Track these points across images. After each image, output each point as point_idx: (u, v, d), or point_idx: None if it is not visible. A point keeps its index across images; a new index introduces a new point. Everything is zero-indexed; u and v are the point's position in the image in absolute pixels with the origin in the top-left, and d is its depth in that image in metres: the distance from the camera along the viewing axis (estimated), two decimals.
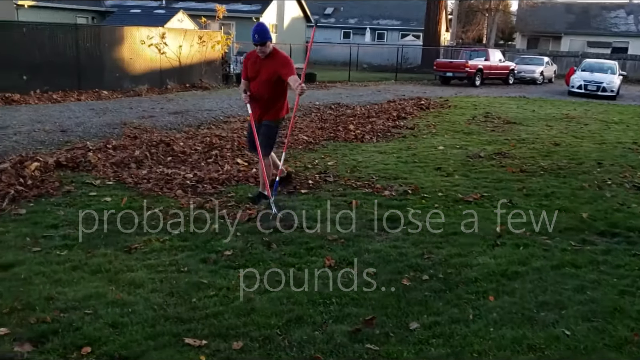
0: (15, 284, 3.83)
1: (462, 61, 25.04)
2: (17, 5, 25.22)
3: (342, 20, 46.90)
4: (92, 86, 15.68)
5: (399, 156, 8.59)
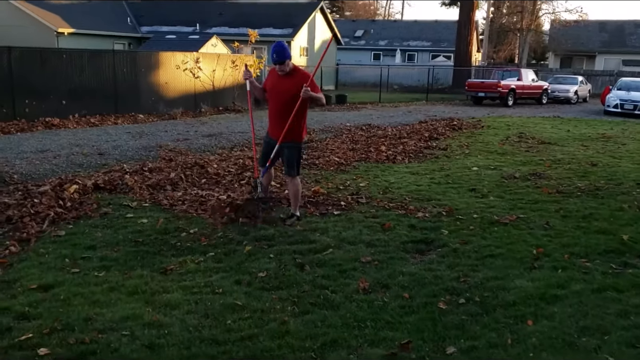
0: (55, 304, 3.90)
1: (494, 81, 24.86)
2: (57, 33, 26.16)
3: (372, 42, 47.21)
4: (129, 110, 16.06)
5: (432, 177, 8.53)
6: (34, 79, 13.98)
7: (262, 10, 33.27)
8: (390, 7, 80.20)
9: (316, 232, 5.63)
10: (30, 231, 5.43)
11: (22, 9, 26.54)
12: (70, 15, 28.56)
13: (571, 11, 41.99)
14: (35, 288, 4.17)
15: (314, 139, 12.62)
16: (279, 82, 5.82)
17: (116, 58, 16.10)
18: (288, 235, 5.54)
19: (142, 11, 34.55)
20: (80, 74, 15.11)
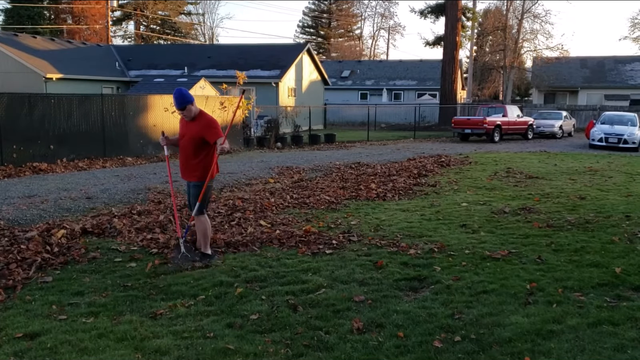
0: (42, 353, 3.80)
1: (480, 118, 25.20)
2: (45, 79, 26.30)
3: (359, 82, 47.90)
4: (117, 153, 16.05)
5: (423, 214, 8.53)
6: (22, 124, 13.97)
7: (250, 52, 33.75)
8: (376, 48, 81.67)
9: (308, 272, 5.58)
10: (17, 278, 5.33)
11: (9, 55, 26.72)
12: (59, 60, 28.79)
13: (552, 48, 42.83)
14: (21, 337, 4.06)
15: (304, 178, 12.63)
16: (187, 128, 6.03)
17: (104, 102, 16.17)
18: (280, 275, 5.48)
19: (130, 55, 34.92)
20: (69, 118, 15.13)
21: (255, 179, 12.48)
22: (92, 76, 29.59)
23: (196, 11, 69.57)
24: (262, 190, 10.90)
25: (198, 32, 69.68)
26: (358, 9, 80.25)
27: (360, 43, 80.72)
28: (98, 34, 50.07)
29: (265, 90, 30.08)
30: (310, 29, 77.02)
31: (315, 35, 76.27)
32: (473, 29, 46.30)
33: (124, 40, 62.09)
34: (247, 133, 22.58)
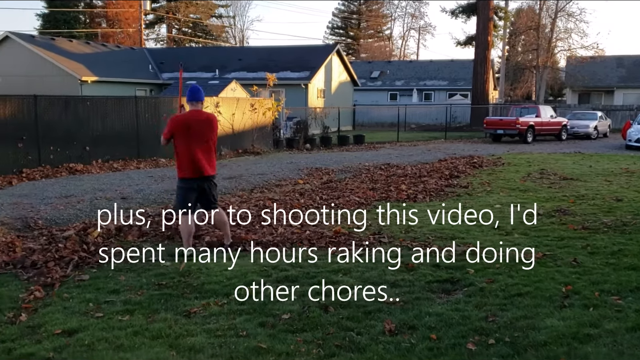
0: (79, 349, 3.89)
1: (513, 118, 24.86)
2: (81, 81, 26.89)
3: (389, 82, 47.70)
4: (150, 154, 16.30)
5: (455, 215, 8.45)
6: (59, 126, 14.31)
7: (280, 54, 33.93)
8: (406, 48, 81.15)
9: (339, 273, 5.58)
10: (55, 276, 5.46)
11: (47, 59, 27.41)
12: (94, 63, 29.42)
13: (587, 47, 41.96)
14: (60, 333, 4.16)
15: (333, 179, 12.64)
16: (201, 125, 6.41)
17: (138, 104, 16.45)
18: (310, 276, 5.49)
19: (162, 58, 35.46)
20: (104, 120, 15.44)
21: (284, 180, 12.55)
22: (126, 79, 30.15)
23: (227, 14, 70.33)
24: (292, 191, 10.95)
25: (229, 34, 70.44)
26: (388, 10, 79.99)
27: (390, 43, 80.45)
28: (131, 37, 50.98)
29: (294, 92, 30.21)
30: (340, 30, 77.04)
31: (345, 36, 76.25)
32: (505, 29, 45.71)
33: (157, 43, 63.13)
34: (277, 134, 22.72)
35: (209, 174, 6.31)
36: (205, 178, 6.31)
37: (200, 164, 6.21)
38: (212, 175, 6.38)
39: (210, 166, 6.32)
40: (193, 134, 6.16)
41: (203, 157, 6.24)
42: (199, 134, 6.19)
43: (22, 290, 5.12)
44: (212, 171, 6.36)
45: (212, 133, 6.33)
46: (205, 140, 6.25)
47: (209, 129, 6.30)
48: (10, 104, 13.57)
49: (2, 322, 4.38)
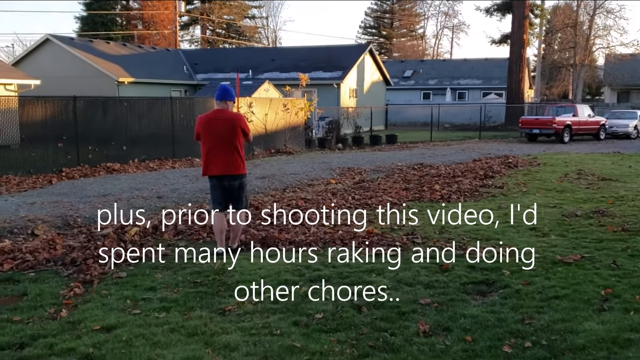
0: (118, 345, 3.97)
1: (549, 117, 24.41)
2: (118, 82, 27.46)
3: (422, 81, 47.34)
4: (185, 154, 16.54)
5: (490, 216, 8.34)
6: (97, 126, 14.64)
7: (313, 54, 34.01)
8: (439, 47, 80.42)
9: (372, 273, 5.57)
10: (94, 273, 5.59)
11: (85, 60, 28.07)
12: (130, 64, 30.00)
13: (627, 45, 41.04)
14: (99, 329, 4.26)
15: (366, 179, 12.62)
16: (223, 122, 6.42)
17: (173, 105, 16.71)
18: (343, 276, 5.49)
19: (197, 59, 35.94)
20: (140, 120, 15.74)
21: (317, 180, 12.58)
22: (162, 80, 30.65)
23: (260, 15, 70.84)
24: (324, 190, 10.96)
25: (262, 35, 70.92)
26: (421, 9, 79.43)
27: (423, 42, 79.85)
28: (166, 39, 51.79)
29: (326, 92, 30.24)
30: (372, 29, 76.77)
31: (377, 36, 75.95)
32: (541, 26, 44.91)
33: (191, 45, 63.93)
34: (309, 134, 22.78)
35: (227, 172, 6.27)
36: (225, 177, 6.29)
37: (218, 162, 6.24)
38: (232, 174, 6.30)
39: (230, 165, 6.26)
40: (212, 132, 6.21)
41: (221, 155, 6.23)
42: (217, 132, 6.21)
43: (62, 286, 5.25)
44: (232, 170, 6.28)
45: (232, 132, 6.23)
46: (225, 139, 6.21)
47: (230, 128, 6.22)
48: (51, 105, 13.95)
49: (44, 318, 4.50)
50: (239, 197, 6.44)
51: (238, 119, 6.39)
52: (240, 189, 6.41)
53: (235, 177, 6.34)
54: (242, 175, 6.39)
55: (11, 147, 13.47)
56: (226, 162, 6.24)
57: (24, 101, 13.88)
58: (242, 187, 6.44)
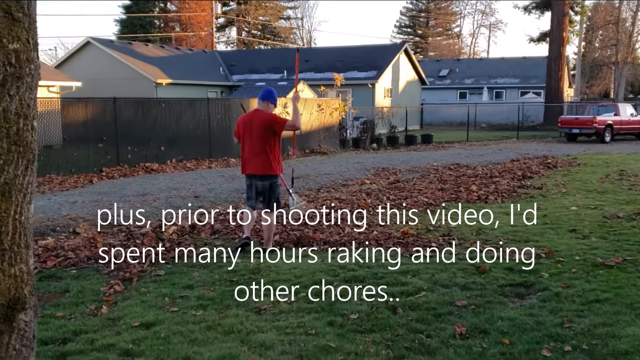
0: (156, 342, 4.04)
1: (590, 117, 23.83)
2: (156, 84, 27.95)
3: (458, 81, 46.77)
4: (222, 154, 16.75)
5: (528, 217, 8.19)
6: (136, 127, 14.96)
7: (347, 54, 33.98)
8: (476, 46, 79.36)
9: (407, 274, 5.53)
10: (133, 271, 5.71)
11: (125, 63, 28.68)
12: (168, 66, 30.50)
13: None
14: (138, 326, 4.34)
15: (400, 179, 12.55)
16: None
17: (210, 106, 16.94)
18: (378, 276, 5.47)
19: (233, 60, 36.32)
20: (177, 121, 16.01)
21: (351, 180, 12.57)
22: (198, 81, 31.07)
23: (295, 15, 71.15)
24: (359, 191, 10.95)
25: (297, 36, 71.20)
26: (457, 7, 78.45)
27: (459, 41, 78.90)
28: (203, 40, 52.50)
29: (361, 92, 30.17)
30: (408, 28, 76.26)
31: (413, 35, 75.40)
32: (582, 24, 43.82)
33: (227, 46, 64.67)
34: (343, 134, 22.77)
35: (258, 172, 6.39)
36: (255, 176, 6.42)
37: (251, 161, 6.39)
38: (262, 174, 6.39)
39: (261, 165, 6.35)
40: (247, 132, 6.37)
41: (254, 155, 6.35)
42: (252, 132, 6.34)
43: (102, 284, 5.38)
44: (262, 170, 6.37)
45: (266, 133, 6.30)
46: (258, 139, 6.31)
47: (263, 129, 6.29)
48: (92, 106, 14.31)
49: (85, 314, 4.62)
50: (269, 198, 6.51)
51: (272, 119, 6.40)
52: (271, 190, 6.48)
53: (265, 177, 6.42)
54: (271, 176, 6.44)
55: (54, 147, 13.87)
56: (258, 162, 6.35)
57: (66, 103, 14.28)
58: (273, 188, 6.49)
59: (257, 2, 61.05)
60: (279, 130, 6.36)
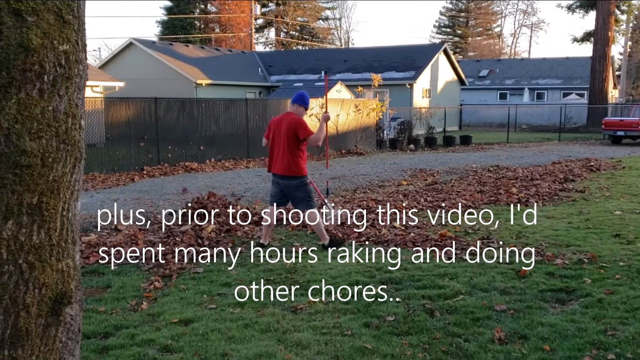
0: (195, 338, 4.11)
1: (635, 119, 23.10)
2: (195, 84, 28.38)
3: (498, 81, 46.01)
4: (259, 154, 16.89)
5: (570, 221, 8.00)
6: (176, 126, 15.21)
7: (385, 54, 33.82)
8: (517, 46, 77.97)
9: (445, 277, 5.47)
10: (172, 268, 5.81)
11: (166, 63, 29.21)
12: (207, 67, 30.92)
13: None
14: (177, 322, 4.42)
15: (438, 181, 12.42)
16: None
17: (249, 106, 17.10)
18: (415, 279, 5.43)
19: (271, 61, 36.57)
20: (217, 121, 16.22)
21: (387, 181, 12.50)
22: (237, 82, 31.40)
23: (333, 16, 71.22)
24: (395, 192, 10.88)
25: (334, 36, 71.25)
26: (498, 7, 77.36)
27: (499, 41, 77.64)
28: (242, 41, 53.06)
29: (399, 92, 29.99)
30: (447, 28, 75.44)
31: (452, 35, 74.56)
32: (628, 23, 42.59)
33: (265, 47, 65.18)
34: (380, 135, 22.66)
35: (279, 172, 6.56)
36: (278, 176, 6.61)
37: (275, 161, 6.61)
38: (284, 175, 6.53)
39: (282, 166, 6.50)
40: (275, 133, 6.60)
41: (278, 155, 6.55)
42: (277, 133, 6.56)
43: (143, 280, 5.50)
44: (284, 171, 6.51)
45: (289, 135, 6.45)
46: (282, 141, 6.49)
47: (287, 132, 6.46)
48: (134, 106, 14.61)
49: (126, 309, 4.72)
50: (297, 199, 6.67)
51: (297, 125, 6.51)
52: (295, 190, 6.60)
53: (286, 178, 6.56)
54: (293, 177, 6.54)
55: (97, 146, 14.23)
56: (280, 163, 6.54)
57: (109, 102, 14.62)
58: (297, 189, 6.60)
59: (296, 2, 61.34)
60: (301, 136, 6.52)
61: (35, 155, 1.79)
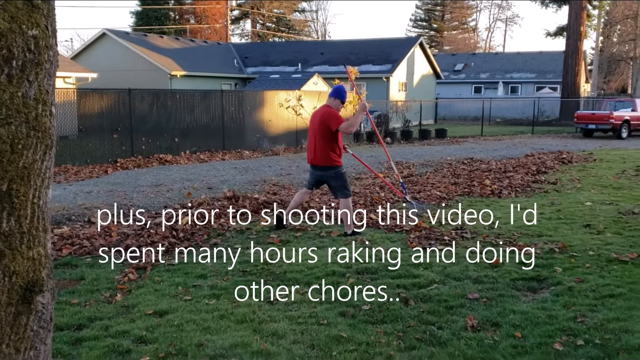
0: (170, 329, 4.09)
1: (606, 112, 23.56)
2: (170, 75, 28.06)
3: (473, 75, 46.46)
4: (235, 146, 16.82)
5: (542, 212, 8.14)
6: (150, 118, 15.03)
7: (362, 47, 33.85)
8: (491, 40, 78.68)
9: (419, 267, 5.54)
10: (147, 260, 5.76)
11: (140, 54, 28.81)
12: (182, 58, 30.59)
13: None
14: (152, 313, 4.40)
15: (414, 173, 12.52)
16: None
17: (224, 98, 16.98)
18: (391, 268, 5.48)
19: (247, 53, 36.33)
20: (191, 113, 16.07)
21: (364, 174, 12.55)
22: (213, 73, 31.13)
23: (309, 8, 71.04)
24: (372, 184, 10.94)
25: (311, 29, 71.07)
26: (473, 1, 77.85)
27: (474, 35, 78.30)
28: (218, 33, 52.60)
29: (375, 85, 30.07)
30: (423, 22, 75.80)
31: (428, 29, 74.94)
32: (600, 18, 43.32)
33: (241, 38, 64.72)
34: (357, 128, 22.68)
35: (313, 162, 6.93)
36: (314, 166, 6.95)
37: (309, 152, 6.98)
38: (317, 165, 6.88)
39: (315, 157, 6.84)
40: (310, 125, 6.98)
41: (312, 146, 6.89)
42: (313, 125, 6.89)
43: (117, 272, 5.45)
44: (317, 161, 6.85)
45: (321, 127, 6.73)
46: (315, 132, 6.80)
47: (319, 123, 6.76)
48: (107, 97, 14.40)
49: (100, 301, 4.68)
50: (333, 187, 6.99)
51: (329, 116, 6.76)
52: (331, 179, 6.92)
53: (319, 168, 6.90)
54: (326, 167, 6.85)
55: (69, 138, 14.00)
56: (316, 154, 6.84)
57: (82, 94, 14.38)
58: (332, 179, 6.90)
59: None
60: (332, 127, 6.70)
61: (4, 141, 1.76)
